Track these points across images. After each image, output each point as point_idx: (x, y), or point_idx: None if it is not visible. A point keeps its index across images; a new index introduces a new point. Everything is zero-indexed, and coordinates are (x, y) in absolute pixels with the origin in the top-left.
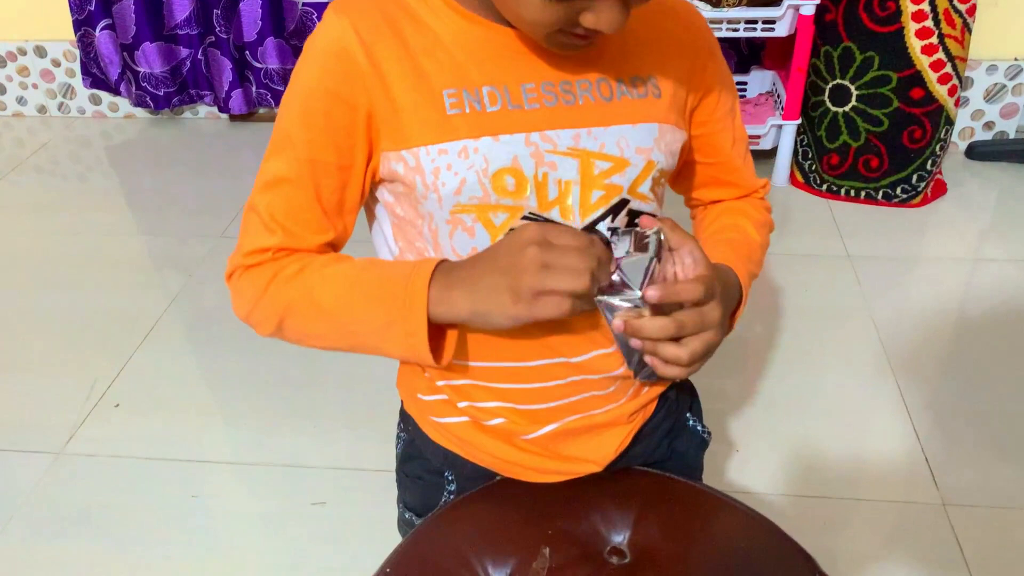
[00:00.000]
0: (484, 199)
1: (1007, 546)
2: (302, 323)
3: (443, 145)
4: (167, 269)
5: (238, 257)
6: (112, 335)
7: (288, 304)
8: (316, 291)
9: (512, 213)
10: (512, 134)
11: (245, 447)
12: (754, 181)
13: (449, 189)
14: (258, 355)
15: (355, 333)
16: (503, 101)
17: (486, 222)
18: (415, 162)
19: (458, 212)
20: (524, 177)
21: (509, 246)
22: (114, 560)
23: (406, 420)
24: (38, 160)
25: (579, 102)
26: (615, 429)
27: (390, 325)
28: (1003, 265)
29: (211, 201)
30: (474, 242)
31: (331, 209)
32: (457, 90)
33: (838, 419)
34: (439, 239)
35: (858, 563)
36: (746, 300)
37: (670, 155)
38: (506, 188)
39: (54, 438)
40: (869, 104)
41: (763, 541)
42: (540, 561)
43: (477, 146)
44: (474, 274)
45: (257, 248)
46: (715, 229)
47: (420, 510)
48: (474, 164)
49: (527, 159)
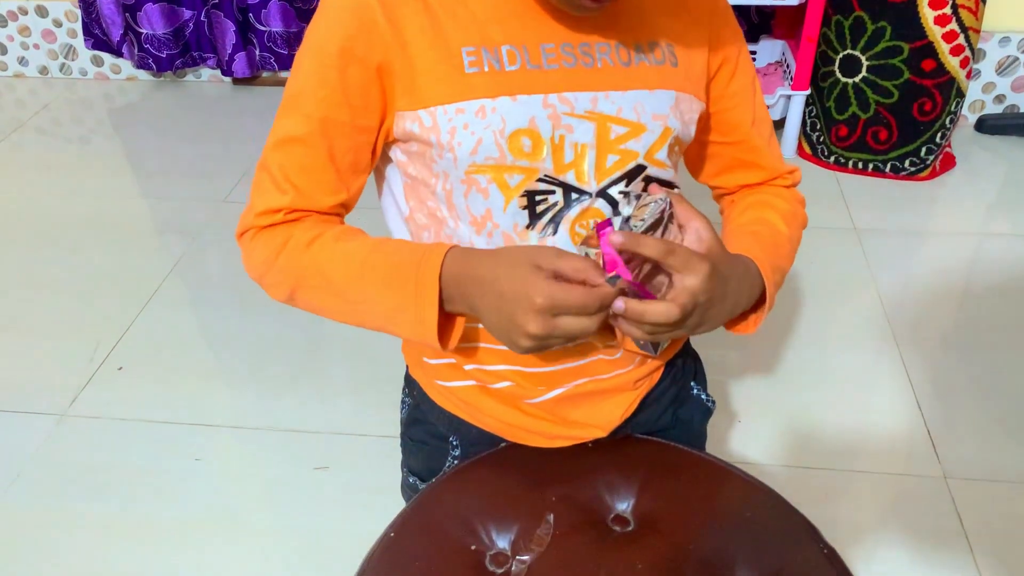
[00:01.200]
0: (500, 160)
1: (1008, 519)
2: (313, 297)
3: (460, 104)
4: (170, 233)
5: (250, 216)
6: (115, 298)
7: (300, 276)
8: (327, 268)
9: (527, 175)
10: (530, 95)
11: (248, 411)
12: (780, 164)
13: (465, 149)
14: (261, 320)
15: (365, 313)
16: (522, 61)
17: (501, 183)
18: (431, 121)
19: (473, 172)
20: (541, 139)
21: (516, 299)
22: (117, 521)
23: (411, 385)
24: (40, 121)
25: (598, 65)
26: (621, 395)
27: (400, 310)
28: (1010, 240)
29: (214, 165)
30: (488, 203)
31: (344, 169)
32: (476, 48)
33: (841, 391)
34: (453, 199)
35: (859, 534)
36: (773, 297)
37: (685, 124)
38: (522, 149)
39: (58, 400)
40: (879, 75)
41: (767, 512)
42: (544, 527)
43: (495, 106)
44: (481, 301)
45: (269, 208)
46: (741, 223)
47: (424, 475)
48: (491, 124)
49: (544, 121)
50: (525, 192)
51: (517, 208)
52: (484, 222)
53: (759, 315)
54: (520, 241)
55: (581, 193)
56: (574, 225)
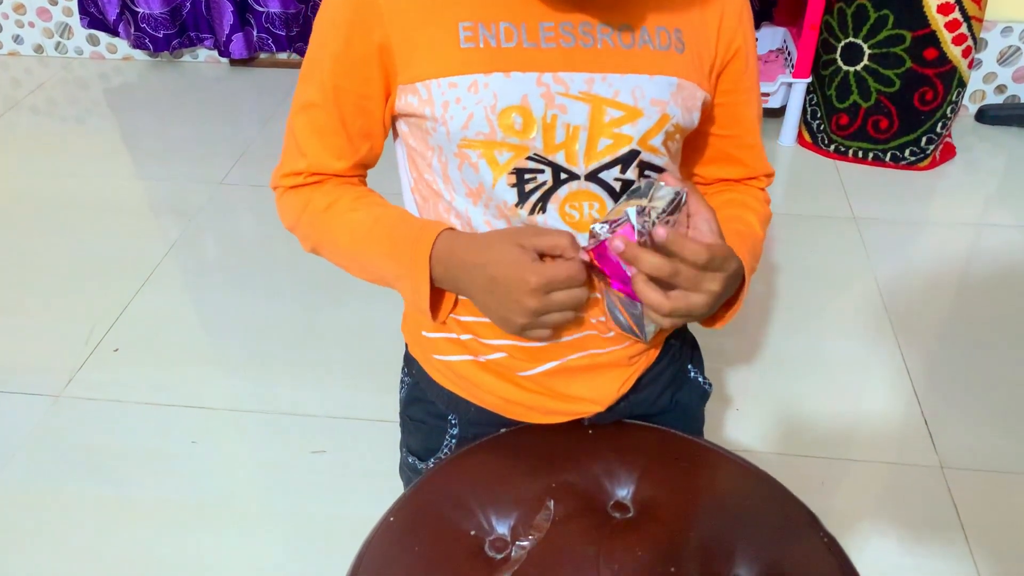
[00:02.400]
0: (490, 136)
1: (1003, 510)
2: (330, 256)
3: (454, 79)
4: (166, 215)
5: (278, 176)
6: (111, 280)
7: (318, 238)
8: (338, 235)
9: (517, 152)
10: (524, 72)
11: (245, 394)
12: (764, 165)
13: (457, 123)
14: (258, 303)
15: (373, 275)
16: (519, 38)
17: (490, 159)
18: (427, 94)
19: (464, 147)
20: (532, 117)
21: (509, 281)
22: (113, 503)
23: (410, 364)
24: (35, 101)
25: (598, 46)
26: (616, 370)
27: (400, 279)
28: (1009, 231)
29: (211, 147)
30: (479, 177)
31: (356, 134)
32: (474, 23)
33: (838, 380)
34: (448, 172)
35: (854, 523)
36: (744, 298)
37: (687, 111)
38: (512, 126)
39: (53, 381)
40: (881, 63)
41: (767, 499)
42: (544, 513)
43: (488, 81)
44: (471, 286)
45: (291, 171)
46: (722, 218)
47: (422, 454)
48: (482, 100)
49: (537, 99)
50: (514, 170)
51: (506, 185)
52: (479, 194)
53: (731, 313)
54: (511, 217)
55: (570, 174)
56: (564, 206)
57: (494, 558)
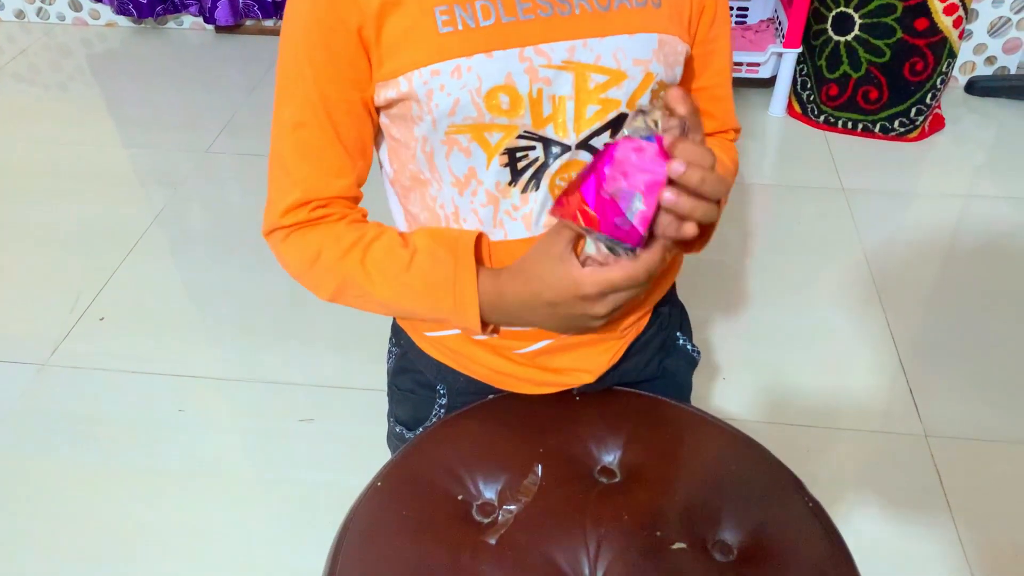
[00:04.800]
0: (478, 119)
1: (985, 478)
2: (355, 303)
3: (435, 66)
4: (151, 184)
5: (274, 216)
6: (96, 248)
7: (338, 287)
8: (365, 285)
9: (507, 132)
10: (506, 49)
11: (231, 363)
12: (733, 119)
13: (443, 110)
14: (244, 272)
15: (411, 319)
16: (496, 14)
17: (482, 141)
18: (408, 86)
19: (453, 133)
20: (518, 95)
21: (568, 301)
22: (99, 472)
23: (398, 334)
24: (16, 67)
25: (575, 11)
26: (608, 343)
27: (445, 323)
28: (996, 202)
29: (196, 115)
30: (471, 162)
31: (351, 146)
32: (449, 6)
33: (825, 349)
34: (435, 160)
35: (839, 491)
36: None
37: (670, 67)
38: (500, 107)
39: (38, 350)
40: (872, 33)
41: (753, 465)
42: (531, 478)
43: (470, 64)
44: (532, 316)
45: (289, 206)
46: None
47: (411, 424)
48: (467, 83)
49: (521, 75)
50: (506, 150)
51: (499, 166)
52: (468, 181)
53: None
54: (501, 199)
55: (561, 146)
56: (555, 179)
57: (481, 522)
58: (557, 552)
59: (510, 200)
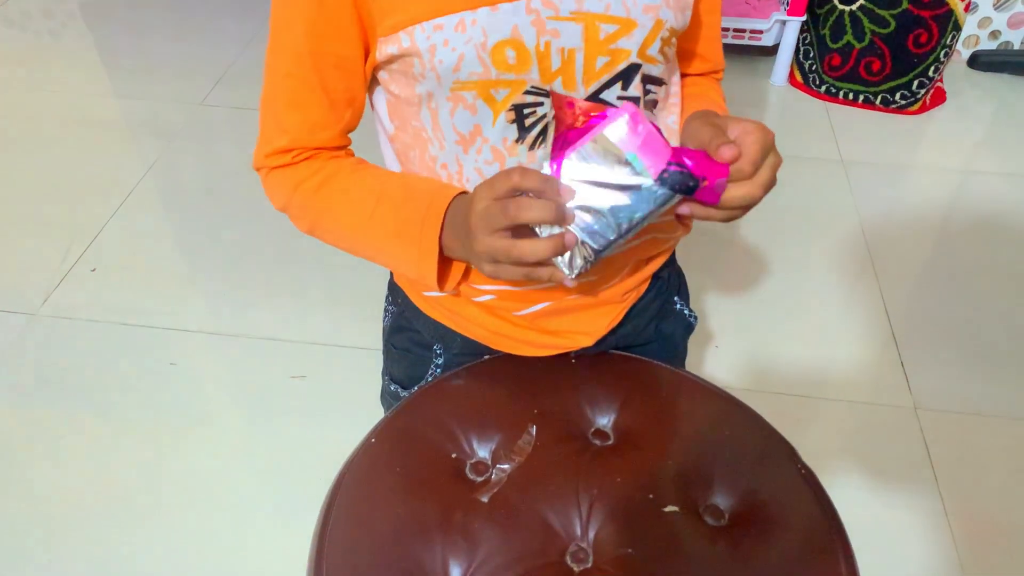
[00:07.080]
0: (484, 75)
1: (972, 451)
2: (327, 237)
3: (438, 20)
4: (144, 135)
5: (260, 156)
6: (88, 199)
7: (314, 219)
8: (339, 214)
9: (514, 88)
10: (511, 2)
11: (224, 318)
12: (721, 58)
13: (447, 66)
14: (237, 226)
15: (374, 257)
16: None
17: (487, 98)
18: (410, 41)
19: (458, 90)
20: (525, 49)
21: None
22: (89, 423)
23: (395, 292)
24: (7, 12)
25: None
26: (608, 307)
27: (405, 262)
28: (994, 178)
29: (190, 66)
30: (476, 119)
31: (338, 100)
32: None
33: (818, 320)
34: (439, 118)
35: (828, 460)
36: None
37: (680, 11)
38: (507, 62)
39: (29, 299)
40: (877, 3)
41: (746, 430)
42: (525, 438)
43: (475, 17)
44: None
45: (275, 150)
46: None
47: (406, 382)
48: (472, 38)
49: (527, 28)
50: (513, 106)
51: (505, 123)
52: (473, 138)
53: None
54: (508, 156)
55: None
56: None
57: (475, 480)
58: (549, 512)
59: (517, 158)
